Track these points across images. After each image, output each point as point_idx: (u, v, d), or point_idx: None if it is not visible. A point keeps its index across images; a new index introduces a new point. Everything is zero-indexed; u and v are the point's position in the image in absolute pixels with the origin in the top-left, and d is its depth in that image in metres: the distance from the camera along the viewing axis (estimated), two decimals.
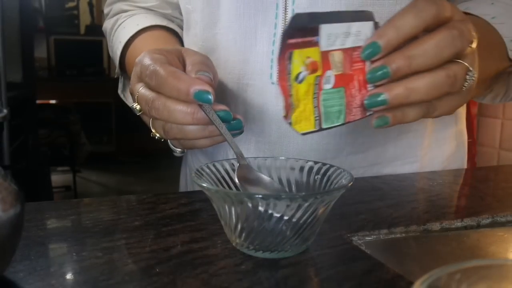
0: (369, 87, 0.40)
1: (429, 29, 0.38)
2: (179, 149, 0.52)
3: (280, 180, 0.44)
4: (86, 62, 4.48)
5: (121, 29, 0.69)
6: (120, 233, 0.42)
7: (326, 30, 0.37)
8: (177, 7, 0.67)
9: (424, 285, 0.21)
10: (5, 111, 1.73)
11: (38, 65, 4.14)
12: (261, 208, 0.35)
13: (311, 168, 0.43)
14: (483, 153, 1.41)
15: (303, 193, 0.41)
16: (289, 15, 0.56)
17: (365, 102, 0.39)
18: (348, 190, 0.37)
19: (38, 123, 2.96)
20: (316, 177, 0.42)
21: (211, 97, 0.41)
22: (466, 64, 0.39)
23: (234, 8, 0.58)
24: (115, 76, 0.75)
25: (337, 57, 0.38)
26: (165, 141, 0.50)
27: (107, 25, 0.75)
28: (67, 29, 4.53)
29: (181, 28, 0.69)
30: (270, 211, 0.35)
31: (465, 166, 0.73)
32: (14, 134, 1.93)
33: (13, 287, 0.33)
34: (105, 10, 0.76)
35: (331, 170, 0.41)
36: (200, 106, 0.43)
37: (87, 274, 0.35)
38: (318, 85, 0.38)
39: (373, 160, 0.64)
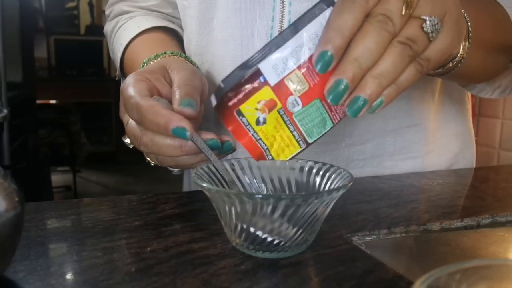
0: None
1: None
2: (177, 169, 0.52)
3: (280, 180, 0.44)
4: (86, 62, 4.48)
5: (122, 31, 0.69)
6: (120, 233, 0.42)
7: (269, 64, 0.35)
8: (177, 6, 0.68)
9: (424, 285, 0.21)
10: (5, 111, 1.73)
11: (38, 65, 4.14)
12: (261, 208, 0.35)
13: (311, 168, 0.43)
14: (483, 153, 1.41)
15: (303, 193, 0.41)
16: (287, 7, 0.56)
17: (348, 113, 0.37)
18: (348, 190, 0.37)
19: (38, 123, 2.96)
20: (316, 177, 0.42)
21: (188, 133, 0.41)
22: (416, 18, 0.36)
23: (231, 2, 0.58)
24: (116, 79, 0.74)
25: (295, 79, 0.36)
26: None
27: (107, 27, 0.75)
28: (67, 29, 4.53)
29: (182, 28, 0.70)
30: (270, 211, 0.35)
31: (474, 165, 0.73)
32: (14, 134, 1.93)
33: (13, 287, 0.33)
34: (106, 12, 0.76)
35: (331, 170, 0.41)
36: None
37: (87, 274, 0.35)
38: (285, 114, 0.37)
39: (372, 152, 0.64)
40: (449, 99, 0.70)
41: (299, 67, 0.36)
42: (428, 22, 0.37)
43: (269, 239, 0.36)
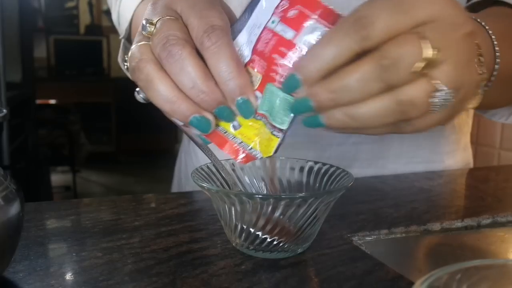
0: (297, 45, 0.33)
1: (360, 55, 0.30)
2: (143, 96, 0.39)
3: (280, 180, 0.44)
4: (86, 62, 4.48)
5: None
6: (120, 233, 0.42)
7: None
8: None
9: (424, 285, 0.21)
10: (4, 111, 1.73)
11: (38, 65, 4.13)
12: (261, 208, 0.35)
13: (311, 168, 0.43)
14: (483, 153, 1.40)
15: (303, 193, 0.41)
16: None
17: (303, 121, 0.33)
18: (348, 190, 0.37)
19: (38, 123, 2.96)
20: (316, 177, 0.42)
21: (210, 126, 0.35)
22: (429, 80, 0.29)
23: None
24: (119, 38, 0.64)
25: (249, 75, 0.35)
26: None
27: None
28: (67, 29, 4.53)
29: None
30: (270, 211, 0.35)
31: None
32: (13, 134, 1.93)
33: (12, 287, 0.33)
34: None
35: (331, 170, 0.41)
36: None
37: (87, 274, 0.35)
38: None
39: (378, 153, 0.64)
40: (466, 113, 0.69)
41: (248, 63, 0.35)
42: (440, 94, 0.30)
43: (269, 239, 0.36)
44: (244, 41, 0.35)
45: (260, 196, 0.34)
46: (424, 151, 0.66)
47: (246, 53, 0.35)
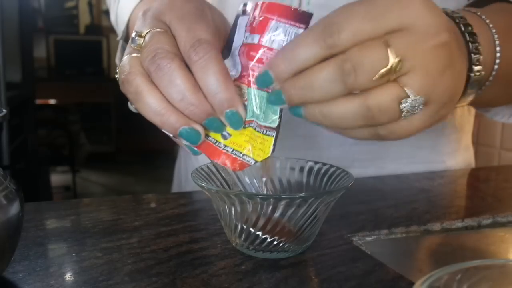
0: (263, 46, 0.35)
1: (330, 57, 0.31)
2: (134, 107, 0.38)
3: (280, 180, 0.44)
4: (86, 62, 4.48)
5: None
6: (120, 233, 0.42)
7: None
8: None
9: (424, 285, 0.21)
10: (4, 111, 1.73)
11: (38, 65, 4.13)
12: (261, 208, 0.35)
13: (311, 168, 0.43)
14: (483, 153, 1.40)
15: (303, 193, 0.41)
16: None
17: (288, 108, 0.34)
18: (348, 190, 0.37)
19: (38, 123, 2.96)
20: (316, 177, 0.42)
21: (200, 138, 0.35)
22: (399, 87, 0.30)
23: None
24: (117, 39, 0.65)
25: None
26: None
27: None
28: (67, 28, 4.53)
29: None
30: (270, 211, 0.35)
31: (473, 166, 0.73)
32: (13, 134, 1.93)
33: (12, 287, 0.33)
34: None
35: (331, 170, 0.41)
36: None
37: (87, 274, 0.34)
38: None
39: (378, 154, 0.63)
40: (468, 111, 0.69)
41: (236, 80, 0.36)
42: (409, 101, 0.30)
43: (269, 239, 0.36)
44: (231, 64, 0.36)
45: (260, 196, 0.34)
46: (425, 151, 0.66)
47: (234, 72, 0.36)
